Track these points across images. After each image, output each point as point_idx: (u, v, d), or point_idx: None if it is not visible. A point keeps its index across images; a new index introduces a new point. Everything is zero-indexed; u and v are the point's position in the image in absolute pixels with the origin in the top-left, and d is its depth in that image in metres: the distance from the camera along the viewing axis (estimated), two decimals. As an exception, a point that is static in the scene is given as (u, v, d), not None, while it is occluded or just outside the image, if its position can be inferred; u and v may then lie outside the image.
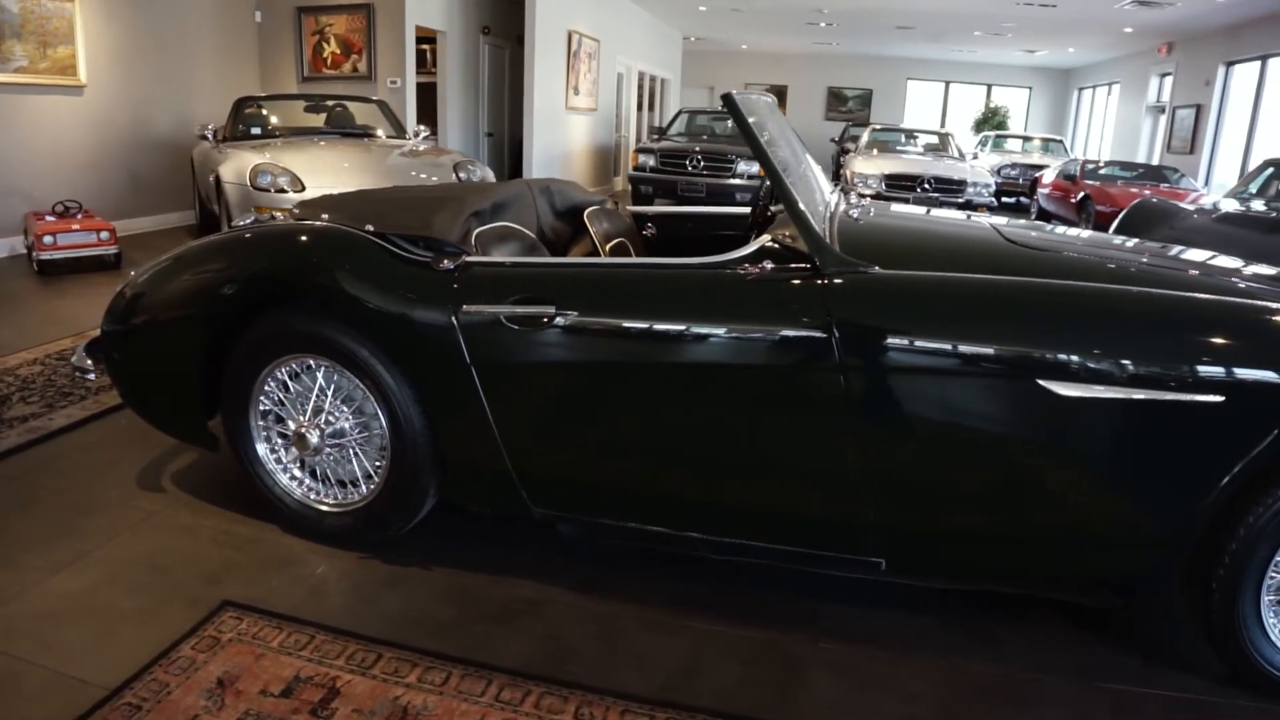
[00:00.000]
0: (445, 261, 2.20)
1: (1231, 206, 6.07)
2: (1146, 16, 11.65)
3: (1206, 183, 12.07)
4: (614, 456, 2.16)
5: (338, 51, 9.04)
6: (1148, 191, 10.40)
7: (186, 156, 7.93)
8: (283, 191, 5.30)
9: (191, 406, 2.48)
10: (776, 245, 2.05)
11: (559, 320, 2.06)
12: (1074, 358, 1.80)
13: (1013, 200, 13.75)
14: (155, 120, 7.79)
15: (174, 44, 7.88)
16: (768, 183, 3.41)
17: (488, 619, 2.15)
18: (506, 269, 2.21)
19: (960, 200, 10.11)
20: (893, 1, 12.55)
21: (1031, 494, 1.92)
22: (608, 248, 3.11)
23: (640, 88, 15.61)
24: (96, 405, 3.52)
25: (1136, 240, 2.74)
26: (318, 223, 2.40)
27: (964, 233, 2.62)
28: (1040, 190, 12.37)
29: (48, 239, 5.78)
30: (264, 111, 7.05)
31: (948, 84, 20.59)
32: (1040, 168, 13.67)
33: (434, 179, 5.82)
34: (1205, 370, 1.75)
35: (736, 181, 10.22)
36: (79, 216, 6.22)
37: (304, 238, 2.36)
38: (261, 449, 2.46)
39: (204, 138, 6.55)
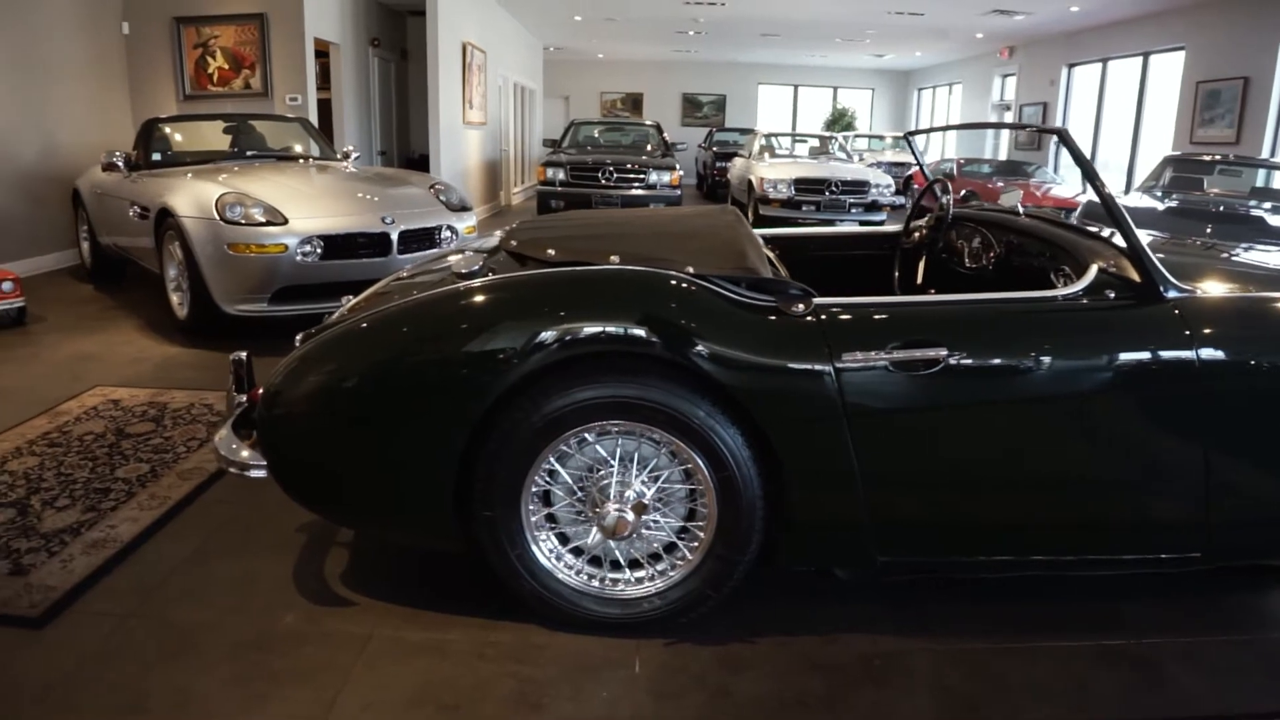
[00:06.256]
0: (798, 305, 1.96)
1: (1172, 202, 6.61)
2: (999, 23, 12.59)
3: (1055, 172, 13.22)
4: (979, 494, 2.10)
5: (225, 66, 8.09)
6: (1001, 183, 11.31)
7: (57, 188, 6.82)
8: (259, 224, 4.58)
9: (438, 500, 2.01)
10: (1109, 276, 2.13)
11: (949, 362, 1.94)
12: None
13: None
14: (19, 148, 6.63)
15: (31, 59, 6.71)
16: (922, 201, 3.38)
17: (863, 683, 1.98)
18: (875, 309, 2.03)
19: (867, 200, 10.46)
20: (768, 10, 12.86)
21: None
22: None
23: (514, 100, 15.14)
24: (155, 501, 2.86)
25: None
26: (628, 267, 2.05)
27: (1222, 258, 2.73)
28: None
29: (-58, 296, 4.76)
30: (170, 132, 6.15)
31: (796, 87, 21.46)
32: (904, 165, 14.46)
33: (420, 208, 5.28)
34: None
35: (646, 192, 10.14)
36: (-38, 267, 5.18)
37: (630, 286, 2.01)
38: (532, 541, 2.04)
39: (112, 166, 5.60)
